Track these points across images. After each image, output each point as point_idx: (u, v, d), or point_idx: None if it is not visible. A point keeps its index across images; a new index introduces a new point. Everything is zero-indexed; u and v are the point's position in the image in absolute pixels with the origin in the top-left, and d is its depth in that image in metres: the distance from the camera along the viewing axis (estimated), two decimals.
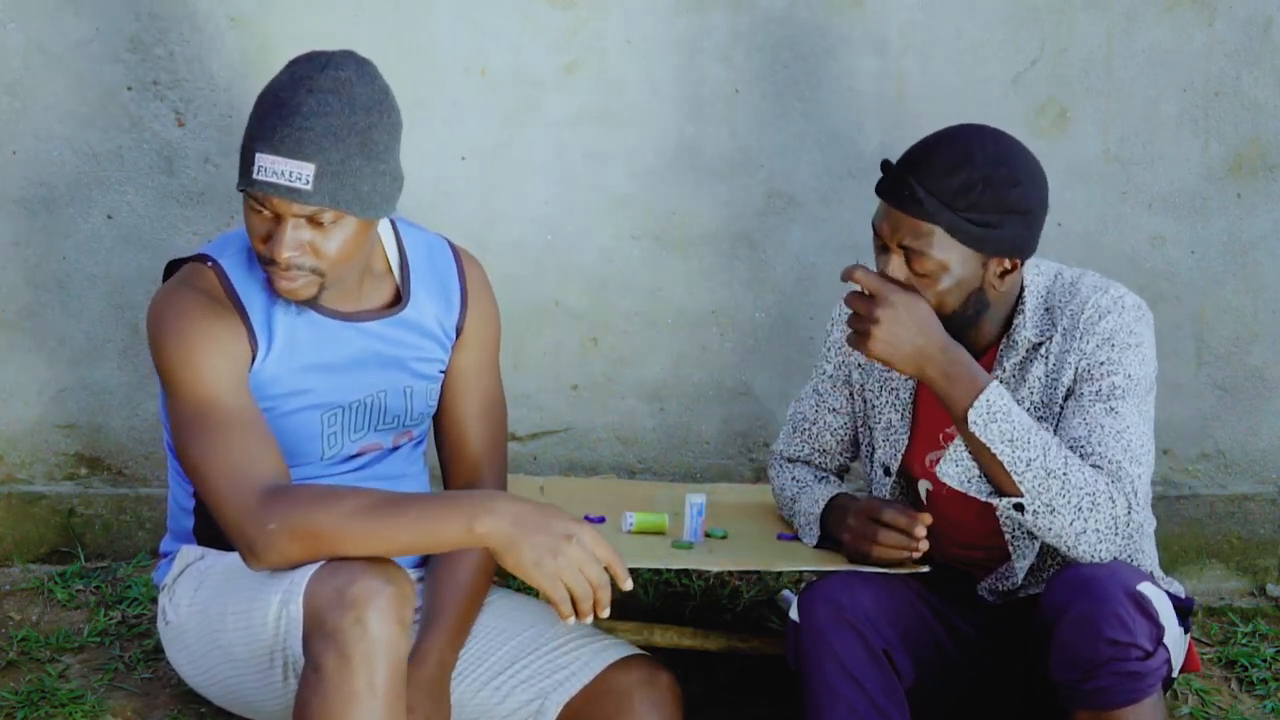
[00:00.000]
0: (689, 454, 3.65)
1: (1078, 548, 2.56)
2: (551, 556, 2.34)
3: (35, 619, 3.34)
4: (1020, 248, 2.65)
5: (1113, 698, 2.50)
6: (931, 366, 2.58)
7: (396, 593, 2.35)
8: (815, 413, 2.98)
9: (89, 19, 3.42)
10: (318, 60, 2.50)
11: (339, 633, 2.32)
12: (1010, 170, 2.62)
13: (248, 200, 2.50)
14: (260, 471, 2.46)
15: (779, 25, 3.47)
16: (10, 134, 3.46)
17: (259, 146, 2.45)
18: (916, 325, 2.57)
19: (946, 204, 2.58)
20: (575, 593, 2.35)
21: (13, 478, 3.59)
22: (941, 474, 2.62)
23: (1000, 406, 2.55)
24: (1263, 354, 3.61)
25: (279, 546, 2.41)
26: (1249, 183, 3.55)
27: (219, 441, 2.48)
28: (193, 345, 2.53)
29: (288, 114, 2.44)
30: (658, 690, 2.65)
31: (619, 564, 2.37)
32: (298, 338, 2.62)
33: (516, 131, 3.50)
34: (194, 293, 2.58)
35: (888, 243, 2.64)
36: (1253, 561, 3.67)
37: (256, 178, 2.45)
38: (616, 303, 3.58)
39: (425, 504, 2.40)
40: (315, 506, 2.40)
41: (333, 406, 2.66)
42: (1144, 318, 2.70)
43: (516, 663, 2.69)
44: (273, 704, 2.59)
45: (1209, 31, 3.48)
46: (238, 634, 2.52)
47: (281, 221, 2.49)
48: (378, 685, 2.33)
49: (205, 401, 2.51)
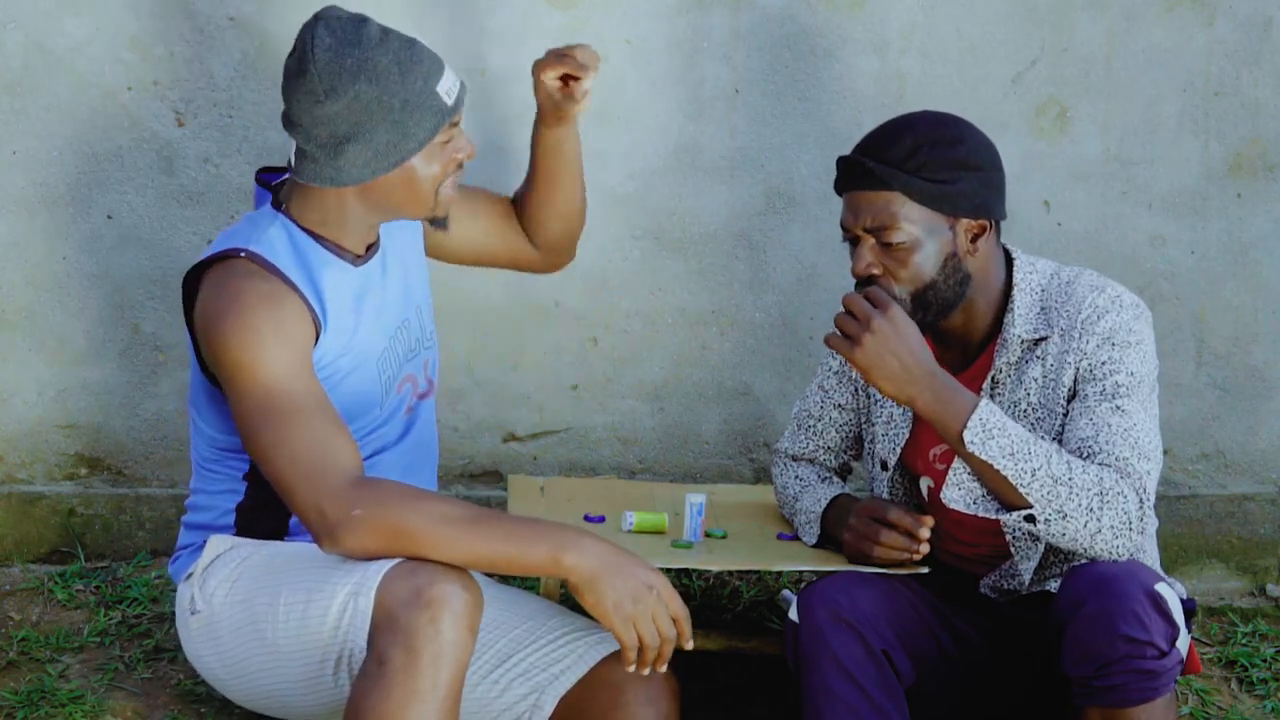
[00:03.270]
0: (689, 454, 3.65)
1: (1095, 547, 2.56)
2: (632, 603, 2.44)
3: (35, 619, 3.34)
4: (982, 206, 2.69)
5: (1126, 695, 2.50)
6: (919, 388, 2.58)
7: (472, 599, 2.40)
8: (820, 409, 2.98)
9: (89, 19, 3.42)
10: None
11: (412, 631, 2.35)
12: (951, 130, 2.70)
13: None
14: (341, 455, 2.50)
15: (779, 25, 3.47)
16: (10, 134, 3.46)
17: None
18: (907, 346, 2.58)
19: (898, 167, 2.65)
20: (645, 641, 2.45)
21: (13, 478, 3.59)
22: (947, 500, 2.63)
23: (995, 422, 2.56)
24: (1263, 354, 3.61)
25: (360, 534, 2.44)
26: (1249, 183, 3.55)
27: (296, 425, 2.50)
28: (263, 334, 2.54)
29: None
30: (653, 682, 2.66)
31: (687, 623, 2.49)
32: (343, 298, 2.67)
33: (517, 131, 3.50)
34: (249, 281, 2.59)
35: (855, 233, 2.69)
36: (1253, 561, 3.67)
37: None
38: (616, 303, 3.58)
39: (515, 525, 2.48)
40: (409, 504, 2.45)
41: (381, 351, 2.72)
42: (1143, 315, 2.71)
43: (513, 656, 2.70)
44: (309, 701, 2.59)
45: (1209, 31, 3.48)
46: (290, 625, 2.53)
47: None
48: (441, 687, 2.36)
49: (277, 388, 2.52)
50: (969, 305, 2.74)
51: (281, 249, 2.64)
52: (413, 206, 2.68)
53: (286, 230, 2.66)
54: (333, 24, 2.59)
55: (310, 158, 2.61)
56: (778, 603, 3.45)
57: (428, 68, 2.60)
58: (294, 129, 2.62)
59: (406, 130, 2.59)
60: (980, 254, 2.72)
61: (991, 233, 2.73)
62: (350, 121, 2.58)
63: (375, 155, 2.60)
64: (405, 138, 2.60)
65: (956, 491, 2.62)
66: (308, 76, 2.57)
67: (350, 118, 2.57)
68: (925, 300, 2.69)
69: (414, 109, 2.59)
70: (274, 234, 2.65)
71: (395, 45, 2.59)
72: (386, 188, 2.64)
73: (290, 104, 2.61)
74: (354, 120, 2.58)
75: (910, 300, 2.68)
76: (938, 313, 2.70)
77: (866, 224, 2.67)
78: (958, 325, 2.76)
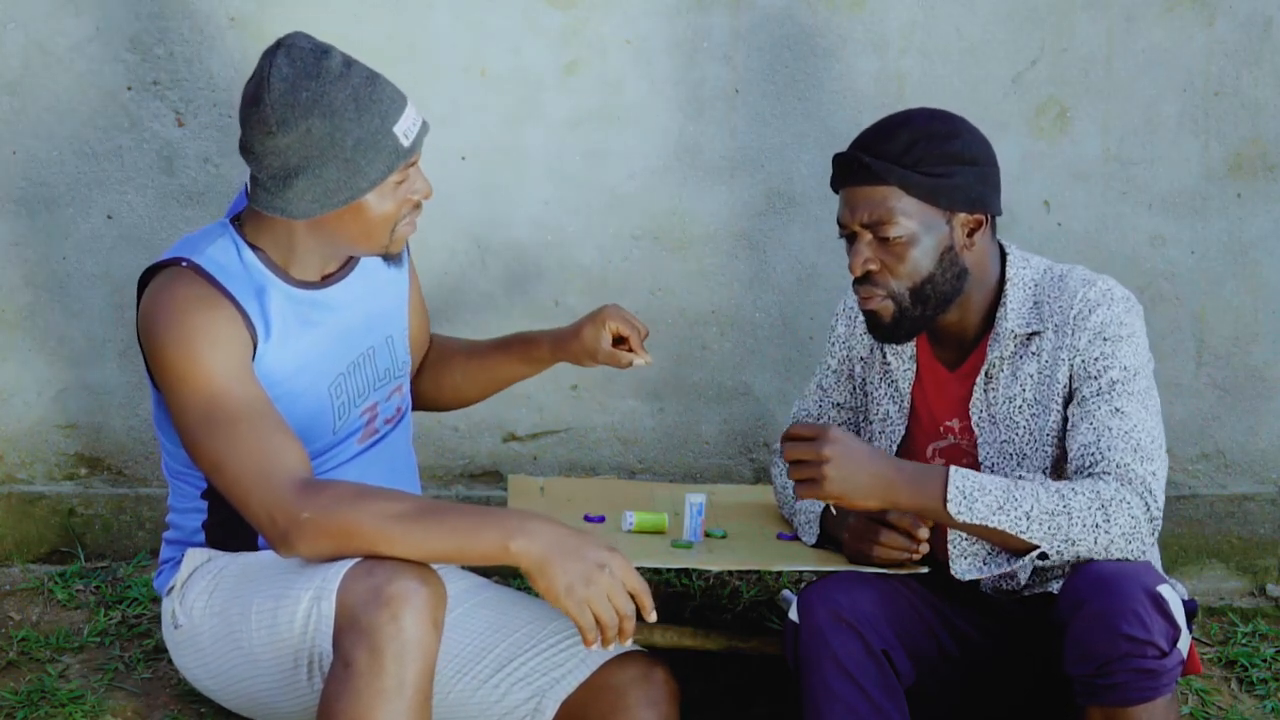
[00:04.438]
0: (689, 454, 3.65)
1: (1112, 556, 2.57)
2: (583, 584, 2.40)
3: (35, 619, 3.34)
4: (978, 201, 2.70)
5: (1127, 694, 2.50)
6: (895, 488, 2.56)
7: (432, 594, 2.38)
8: (819, 408, 2.98)
9: (89, 19, 3.42)
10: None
11: (373, 630, 2.34)
12: (946, 125, 2.70)
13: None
14: (286, 459, 2.48)
15: (779, 25, 3.47)
16: (10, 134, 3.46)
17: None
18: (864, 454, 2.55)
19: (894, 162, 2.66)
20: (602, 621, 2.41)
21: (13, 478, 3.59)
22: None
23: (971, 485, 2.57)
24: (1263, 354, 3.61)
25: (310, 537, 2.43)
26: (1249, 183, 3.55)
27: (239, 432, 2.48)
28: (196, 340, 2.52)
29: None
30: (653, 686, 2.67)
31: (646, 596, 2.44)
32: (287, 317, 2.63)
33: (516, 131, 3.50)
34: (185, 289, 2.56)
35: (852, 228, 2.70)
36: (1253, 561, 3.67)
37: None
38: (616, 303, 3.57)
39: (463, 515, 2.44)
40: (355, 504, 2.43)
41: (335, 376, 2.69)
42: (1133, 308, 2.71)
43: (514, 660, 2.70)
44: (291, 705, 2.59)
45: (1209, 31, 3.48)
46: (261, 633, 2.53)
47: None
48: (408, 684, 2.35)
49: (218, 394, 2.50)
50: (964, 300, 2.75)
51: (226, 262, 2.60)
52: (365, 243, 2.62)
53: (235, 245, 2.63)
54: (294, 53, 2.53)
55: (262, 186, 2.57)
56: (778, 603, 3.45)
57: (386, 107, 2.53)
58: (247, 155, 2.57)
59: (358, 169, 2.53)
60: (976, 248, 2.72)
61: (987, 227, 2.74)
62: (300, 155, 2.51)
63: (325, 192, 2.54)
64: (356, 176, 2.53)
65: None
66: (261, 106, 2.51)
67: (301, 152, 2.51)
68: (923, 294, 2.69)
69: (367, 148, 2.52)
70: (220, 246, 2.62)
71: (355, 81, 2.52)
72: (337, 223, 2.59)
73: (244, 130, 2.55)
74: (304, 155, 2.51)
75: (908, 295, 2.69)
76: (935, 307, 2.71)
77: (863, 219, 2.68)
78: (953, 321, 2.77)
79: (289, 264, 2.64)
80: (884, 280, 2.69)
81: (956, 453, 2.80)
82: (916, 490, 2.57)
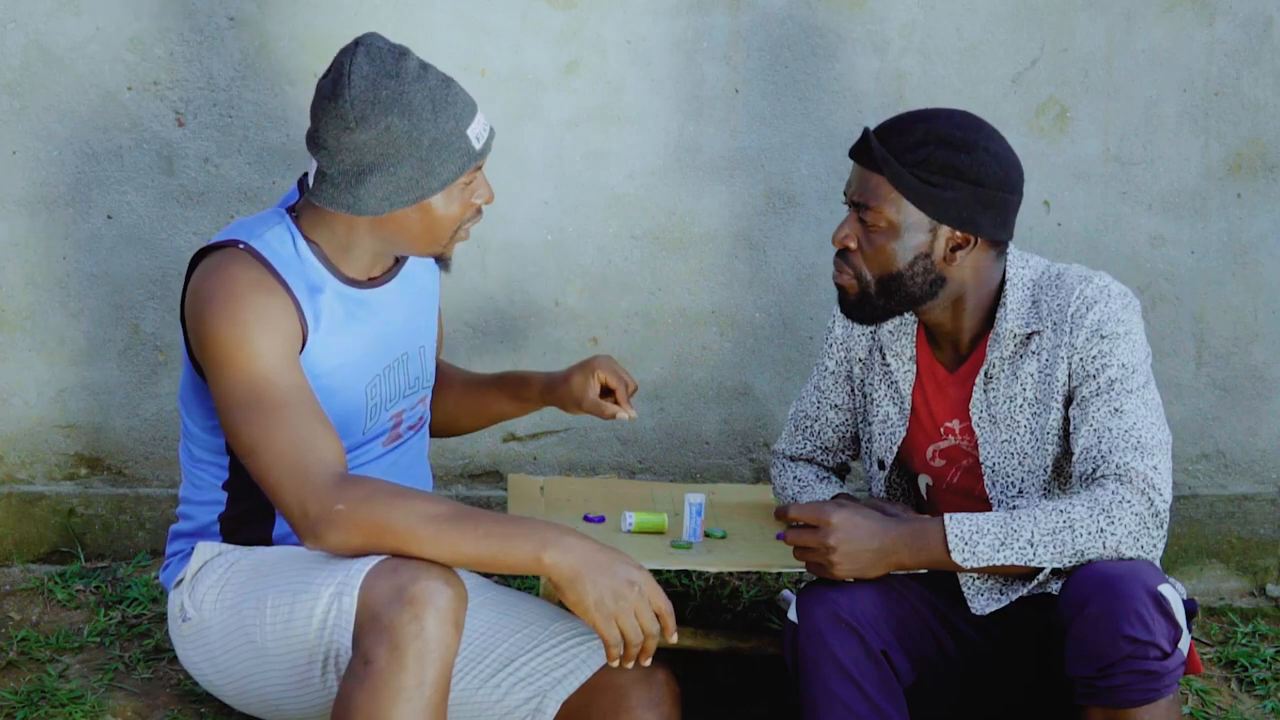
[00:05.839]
0: (689, 454, 3.65)
1: (1123, 557, 2.57)
2: (613, 600, 2.43)
3: (35, 619, 3.34)
4: (969, 221, 2.67)
5: (1129, 695, 2.50)
6: (897, 554, 2.60)
7: (455, 595, 2.40)
8: (817, 409, 2.98)
9: (89, 19, 3.42)
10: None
11: (396, 629, 2.35)
12: (967, 136, 2.67)
13: None
14: (324, 451, 2.49)
15: (779, 25, 3.47)
16: (10, 134, 3.46)
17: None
18: (865, 532, 2.60)
19: (895, 155, 2.65)
20: (628, 638, 2.45)
21: (13, 478, 3.59)
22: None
23: (968, 529, 2.58)
24: (1263, 354, 3.61)
25: (342, 530, 2.44)
26: (1249, 183, 3.55)
27: (280, 419, 2.49)
28: (249, 321, 2.53)
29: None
30: (655, 687, 2.67)
31: (671, 617, 2.48)
32: (336, 312, 2.65)
33: (516, 131, 3.50)
34: (242, 271, 2.57)
35: (848, 199, 2.71)
36: (1253, 561, 3.67)
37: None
38: (616, 303, 3.58)
39: (498, 524, 2.46)
40: (391, 501, 2.44)
41: (372, 376, 2.70)
42: (1131, 305, 2.71)
43: (515, 660, 2.70)
44: (301, 703, 2.59)
45: (1209, 31, 3.48)
46: (276, 627, 2.53)
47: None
48: (427, 684, 2.36)
49: (263, 378, 2.51)
50: (955, 305, 2.74)
51: (281, 250, 2.62)
52: (424, 244, 2.66)
53: (291, 235, 2.65)
54: (373, 52, 2.57)
55: (330, 181, 2.59)
56: (778, 603, 3.45)
57: (460, 109, 2.58)
58: (318, 151, 2.59)
59: (431, 169, 2.57)
60: (958, 265, 2.70)
61: (977, 250, 2.70)
62: (377, 153, 2.55)
63: (396, 189, 2.58)
64: (429, 176, 2.57)
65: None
66: (340, 101, 2.54)
67: (377, 149, 2.55)
68: (889, 288, 2.69)
69: (442, 148, 2.56)
70: (276, 234, 2.64)
71: (432, 82, 2.57)
72: (402, 222, 2.62)
73: (318, 125, 2.58)
74: (381, 152, 2.55)
75: (874, 283, 2.70)
76: (902, 303, 2.71)
77: (855, 196, 2.69)
78: (945, 323, 2.76)
79: (341, 261, 2.66)
80: (857, 261, 2.70)
81: (957, 453, 2.80)
82: (919, 549, 2.60)
